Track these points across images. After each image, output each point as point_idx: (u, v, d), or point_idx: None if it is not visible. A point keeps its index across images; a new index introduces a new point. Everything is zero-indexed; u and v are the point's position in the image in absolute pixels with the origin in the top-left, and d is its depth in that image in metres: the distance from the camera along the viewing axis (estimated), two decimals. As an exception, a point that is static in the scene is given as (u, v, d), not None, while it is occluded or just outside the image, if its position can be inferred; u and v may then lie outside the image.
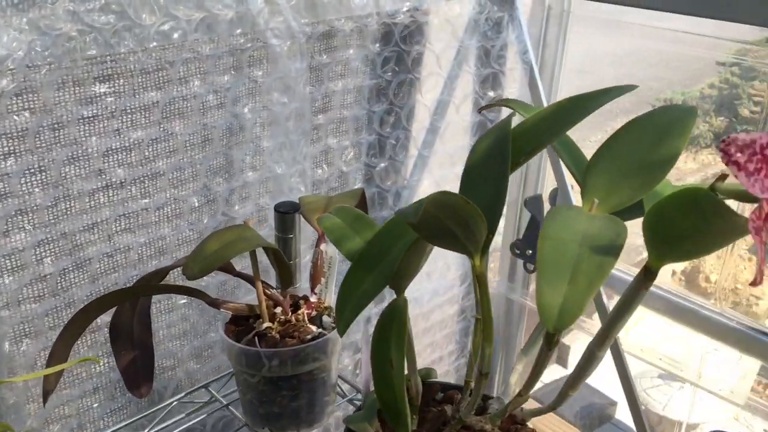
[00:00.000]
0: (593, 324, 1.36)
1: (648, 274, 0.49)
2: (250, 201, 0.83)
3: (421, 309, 1.10)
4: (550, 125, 0.54)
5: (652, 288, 0.49)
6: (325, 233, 0.61)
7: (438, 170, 1.01)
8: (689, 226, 0.43)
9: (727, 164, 0.35)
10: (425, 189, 1.02)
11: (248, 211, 0.84)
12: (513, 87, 1.03)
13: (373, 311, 1.05)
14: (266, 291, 0.71)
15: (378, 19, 0.85)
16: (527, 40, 0.98)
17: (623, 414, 2.23)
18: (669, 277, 2.82)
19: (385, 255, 0.54)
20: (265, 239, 0.66)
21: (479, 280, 0.50)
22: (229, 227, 0.67)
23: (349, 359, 1.05)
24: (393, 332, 0.48)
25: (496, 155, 0.52)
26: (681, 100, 3.48)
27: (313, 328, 0.71)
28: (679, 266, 2.90)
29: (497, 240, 1.27)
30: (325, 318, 0.73)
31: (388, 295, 0.93)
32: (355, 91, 0.90)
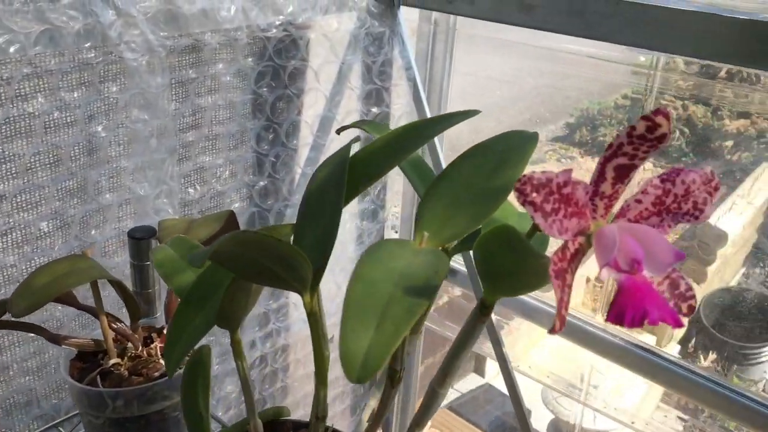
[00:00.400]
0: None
1: (483, 309, 0.47)
2: (108, 225, 0.78)
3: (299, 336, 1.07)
4: (392, 151, 0.52)
5: (544, 305, 0.47)
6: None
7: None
8: (510, 264, 0.41)
9: (522, 204, 0.33)
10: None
11: (107, 235, 0.79)
12: (399, 102, 1.00)
13: (257, 336, 1.01)
14: (112, 325, 0.66)
15: (248, 32, 0.82)
16: (410, 56, 0.96)
17: (538, 422, 2.25)
18: (584, 283, 2.88)
19: (217, 291, 0.50)
20: (105, 270, 0.62)
21: (310, 318, 0.47)
22: (64, 257, 0.62)
23: (232, 386, 1.00)
24: (200, 382, 0.45)
25: (333, 185, 0.49)
26: (597, 109, 3.57)
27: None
28: (593, 272, 2.97)
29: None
30: (181, 351, 0.68)
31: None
32: (228, 106, 0.86)
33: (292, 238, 0.50)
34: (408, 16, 1.01)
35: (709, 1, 0.75)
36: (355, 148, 0.52)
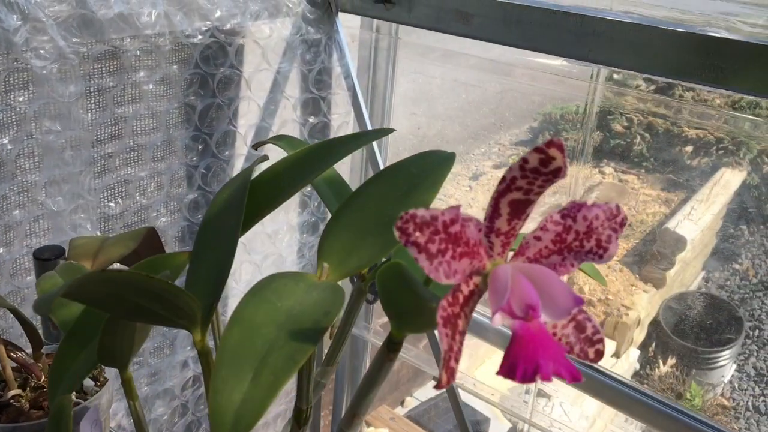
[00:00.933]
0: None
1: (392, 345, 0.44)
2: (16, 243, 0.73)
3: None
4: (299, 172, 0.48)
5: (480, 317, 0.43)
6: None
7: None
8: (407, 303, 0.38)
9: (405, 245, 0.30)
10: (244, 221, 0.95)
11: (16, 254, 0.74)
12: (338, 112, 0.97)
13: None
14: (11, 354, 0.61)
15: (172, 39, 0.77)
16: (349, 63, 0.92)
17: (495, 429, 2.23)
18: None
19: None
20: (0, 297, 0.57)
21: (201, 358, 0.43)
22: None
23: (163, 408, 0.96)
24: (64, 434, 0.40)
25: (232, 210, 0.46)
26: (559, 114, 3.58)
27: (71, 395, 0.62)
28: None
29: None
30: (87, 382, 0.64)
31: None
32: (153, 116, 0.81)
33: (188, 267, 0.46)
34: (349, 23, 0.98)
35: (648, 13, 0.73)
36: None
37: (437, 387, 0.30)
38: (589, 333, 0.34)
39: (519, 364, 0.29)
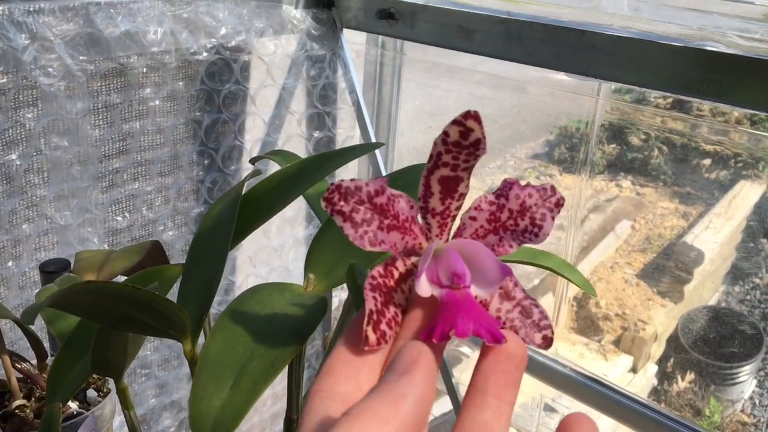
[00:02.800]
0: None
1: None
2: (25, 257, 0.75)
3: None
4: (290, 186, 0.49)
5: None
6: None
7: (263, 214, 0.95)
8: (361, 294, 0.38)
9: (331, 215, 0.31)
10: (251, 236, 0.96)
11: (24, 267, 0.75)
12: (343, 126, 0.98)
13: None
14: (16, 365, 0.63)
15: (178, 56, 0.79)
16: (354, 79, 0.94)
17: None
18: (566, 304, 2.86)
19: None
20: (5, 308, 0.58)
21: (192, 367, 0.44)
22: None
23: (171, 420, 0.97)
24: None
25: (223, 224, 0.47)
26: (576, 127, 3.57)
27: (74, 405, 0.63)
28: (572, 292, 2.95)
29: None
30: (90, 392, 0.65)
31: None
32: (159, 131, 0.83)
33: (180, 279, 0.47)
34: (355, 39, 0.99)
35: (647, 28, 0.73)
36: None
37: (364, 345, 0.30)
38: (536, 318, 0.34)
39: (438, 325, 0.29)
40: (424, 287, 0.31)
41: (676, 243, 3.22)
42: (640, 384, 2.88)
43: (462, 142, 0.30)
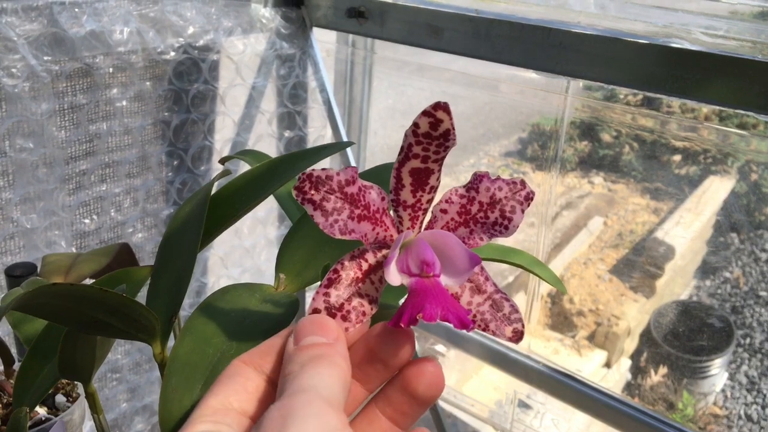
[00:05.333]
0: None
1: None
2: (-10, 260, 0.74)
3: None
4: (260, 185, 0.49)
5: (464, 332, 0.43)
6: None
7: (234, 215, 0.94)
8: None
9: (302, 203, 0.31)
10: (221, 235, 0.95)
11: (-11, 271, 0.74)
12: (314, 125, 0.98)
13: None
14: (-19, 370, 0.62)
15: (145, 55, 0.78)
16: (324, 78, 0.93)
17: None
18: (539, 301, 2.88)
19: (66, 339, 0.46)
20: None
21: (161, 370, 0.43)
22: None
23: (143, 424, 0.96)
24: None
25: (192, 225, 0.46)
26: (548, 126, 3.60)
27: (42, 410, 0.62)
28: (545, 289, 2.97)
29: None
30: (59, 398, 0.64)
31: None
32: (127, 132, 0.82)
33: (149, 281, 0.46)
34: (326, 38, 0.99)
35: (613, 26, 0.74)
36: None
37: (311, 311, 0.31)
38: (506, 312, 0.34)
39: (406, 311, 0.30)
40: (394, 276, 0.31)
41: (647, 238, 3.27)
42: (614, 379, 2.92)
43: (432, 133, 0.30)
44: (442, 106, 0.30)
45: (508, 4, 0.81)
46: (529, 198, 0.33)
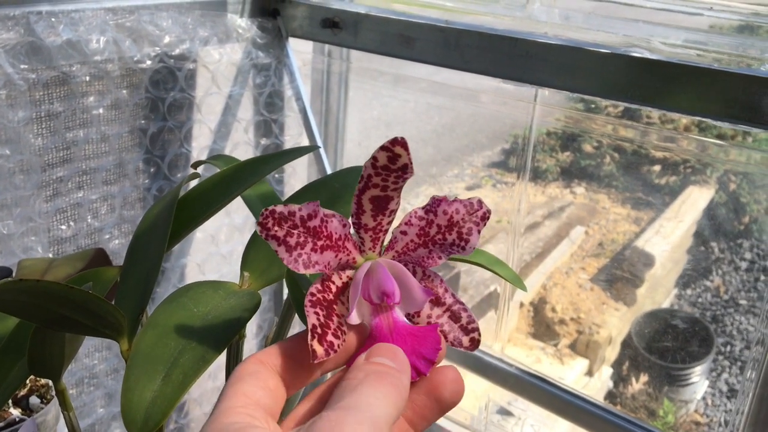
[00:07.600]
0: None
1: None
2: (-34, 266, 0.74)
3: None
4: (226, 187, 0.50)
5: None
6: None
7: (211, 222, 0.96)
8: (299, 296, 0.40)
9: (266, 239, 0.32)
10: (198, 243, 0.96)
11: (-35, 276, 0.75)
12: (290, 134, 0.99)
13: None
14: (-45, 373, 0.62)
15: (121, 64, 0.80)
16: (300, 86, 0.95)
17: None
18: (518, 308, 2.90)
19: (37, 338, 0.47)
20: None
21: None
22: None
23: (120, 429, 0.96)
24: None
25: (160, 226, 0.48)
26: (533, 135, 3.63)
27: (15, 411, 0.63)
28: (527, 298, 2.99)
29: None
30: (33, 399, 0.65)
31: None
32: (103, 140, 0.83)
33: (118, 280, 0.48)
34: (302, 48, 1.01)
35: (576, 36, 0.77)
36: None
37: (312, 359, 0.32)
38: (464, 322, 0.36)
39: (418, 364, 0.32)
40: (354, 318, 0.33)
41: (628, 248, 3.30)
42: (595, 387, 2.94)
43: (390, 166, 0.32)
44: (399, 142, 0.31)
45: (477, 15, 0.83)
46: (485, 217, 0.35)
